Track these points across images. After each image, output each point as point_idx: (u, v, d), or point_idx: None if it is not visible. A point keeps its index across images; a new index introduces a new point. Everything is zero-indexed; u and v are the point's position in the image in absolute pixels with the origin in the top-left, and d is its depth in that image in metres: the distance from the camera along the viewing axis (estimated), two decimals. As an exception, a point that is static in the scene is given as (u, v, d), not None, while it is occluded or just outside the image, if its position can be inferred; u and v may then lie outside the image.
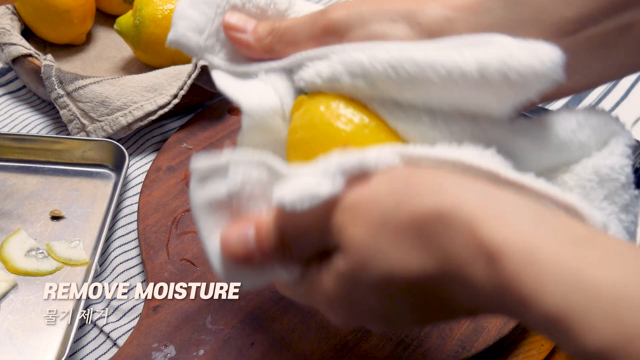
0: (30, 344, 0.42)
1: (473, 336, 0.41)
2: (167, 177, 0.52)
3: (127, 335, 0.43)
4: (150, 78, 0.56)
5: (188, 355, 0.40)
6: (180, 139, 0.56)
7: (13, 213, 0.50)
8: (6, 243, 0.48)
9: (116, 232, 0.50)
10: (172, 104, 0.55)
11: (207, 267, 0.46)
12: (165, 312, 0.43)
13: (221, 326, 0.42)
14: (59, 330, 0.43)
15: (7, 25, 0.61)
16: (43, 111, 0.61)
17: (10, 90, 0.63)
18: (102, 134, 0.54)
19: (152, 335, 0.41)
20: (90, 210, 0.51)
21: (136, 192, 0.53)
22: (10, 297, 0.45)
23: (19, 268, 0.46)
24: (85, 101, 0.54)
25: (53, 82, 0.55)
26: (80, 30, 0.64)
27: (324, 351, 0.41)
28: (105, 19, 0.69)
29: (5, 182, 0.53)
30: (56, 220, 0.50)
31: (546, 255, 0.20)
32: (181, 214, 0.49)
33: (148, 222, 0.49)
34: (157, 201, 0.50)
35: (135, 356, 0.40)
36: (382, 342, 0.41)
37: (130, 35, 0.59)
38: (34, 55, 0.59)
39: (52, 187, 0.53)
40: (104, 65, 0.64)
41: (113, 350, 0.43)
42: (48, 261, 0.47)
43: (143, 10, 0.58)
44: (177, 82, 0.56)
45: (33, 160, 0.54)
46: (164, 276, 0.45)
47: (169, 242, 0.47)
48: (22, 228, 0.49)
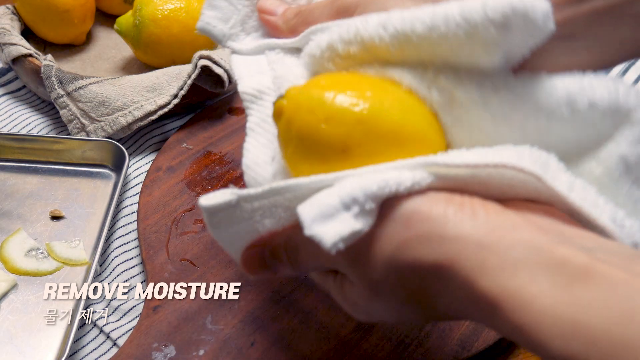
0: (30, 344, 0.42)
1: (473, 336, 0.41)
2: (167, 177, 0.52)
3: (127, 335, 0.43)
4: (150, 78, 0.56)
5: (188, 355, 0.40)
6: (180, 139, 0.56)
7: (13, 213, 0.50)
8: (6, 243, 0.48)
9: (116, 232, 0.50)
10: (172, 104, 0.55)
11: (207, 267, 0.46)
12: (165, 312, 0.43)
13: (221, 326, 0.42)
14: (59, 330, 0.43)
15: (7, 25, 0.61)
16: (43, 111, 0.61)
17: (10, 90, 0.63)
18: (102, 134, 0.54)
19: (152, 335, 0.41)
20: (90, 210, 0.51)
21: (136, 192, 0.53)
22: (10, 297, 0.45)
23: (19, 268, 0.46)
24: (85, 101, 0.54)
25: (53, 82, 0.55)
26: (80, 30, 0.64)
27: (324, 351, 0.41)
28: (105, 19, 0.69)
29: (5, 182, 0.53)
30: (56, 220, 0.50)
31: (544, 305, 0.21)
32: (181, 214, 0.49)
33: (148, 222, 0.49)
34: (157, 201, 0.50)
35: (135, 356, 0.40)
36: (382, 342, 0.41)
37: (130, 35, 0.59)
38: (34, 55, 0.59)
39: (52, 187, 0.53)
40: (104, 65, 0.64)
41: (113, 350, 0.43)
42: (48, 261, 0.47)
43: (143, 10, 0.58)
44: (177, 82, 0.56)
45: (33, 160, 0.54)
46: (164, 276, 0.45)
47: (169, 242, 0.47)
48: (22, 228, 0.49)
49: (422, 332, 0.42)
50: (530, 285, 0.22)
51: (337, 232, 0.23)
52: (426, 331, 0.42)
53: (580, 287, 0.21)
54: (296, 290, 0.44)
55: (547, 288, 0.21)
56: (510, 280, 0.22)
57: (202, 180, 0.52)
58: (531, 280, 0.22)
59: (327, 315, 0.43)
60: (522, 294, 0.21)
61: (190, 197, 0.51)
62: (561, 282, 0.21)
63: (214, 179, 0.53)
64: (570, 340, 0.20)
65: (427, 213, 0.24)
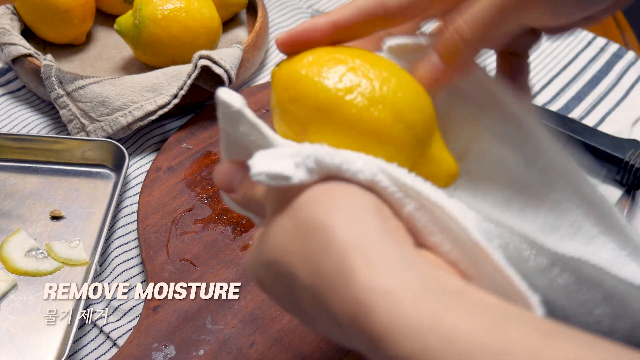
0: (30, 344, 0.42)
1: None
2: (167, 177, 0.52)
3: (127, 335, 0.43)
4: (150, 78, 0.56)
5: (188, 355, 0.40)
6: (180, 139, 0.56)
7: (13, 213, 0.50)
8: (6, 243, 0.48)
9: (116, 232, 0.50)
10: (172, 104, 0.55)
11: (207, 267, 0.46)
12: (165, 312, 0.43)
13: (221, 326, 0.42)
14: (59, 330, 0.43)
15: (7, 25, 0.61)
16: (43, 111, 0.61)
17: (10, 90, 0.63)
18: (102, 134, 0.54)
19: (152, 335, 0.41)
20: (90, 210, 0.51)
21: (136, 192, 0.53)
22: (10, 297, 0.45)
23: (19, 268, 0.46)
24: (85, 101, 0.54)
25: (53, 82, 0.55)
26: (80, 30, 0.64)
27: (324, 351, 0.41)
28: (105, 19, 0.69)
29: (5, 182, 0.53)
30: (56, 220, 0.50)
31: (408, 302, 0.20)
32: (181, 214, 0.49)
33: (148, 222, 0.49)
34: (157, 201, 0.50)
35: (135, 356, 0.40)
36: (382, 342, 0.41)
37: (130, 35, 0.59)
38: (34, 55, 0.59)
39: (52, 187, 0.53)
40: (104, 65, 0.64)
41: (113, 350, 0.43)
42: (48, 261, 0.47)
43: (143, 10, 0.58)
44: (177, 82, 0.56)
45: (33, 160, 0.54)
46: (164, 276, 0.45)
47: (169, 242, 0.47)
48: (22, 228, 0.49)
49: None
50: (400, 288, 0.21)
51: (267, 165, 0.24)
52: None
53: (452, 297, 0.20)
54: (296, 290, 0.44)
55: (417, 290, 0.20)
56: (384, 280, 0.21)
57: (202, 180, 0.52)
58: (403, 285, 0.21)
59: (327, 315, 0.43)
60: (392, 293, 0.20)
61: (190, 197, 0.51)
62: (434, 289, 0.21)
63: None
64: (426, 337, 0.19)
65: (346, 228, 0.23)
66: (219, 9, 0.62)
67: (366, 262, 0.21)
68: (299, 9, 0.73)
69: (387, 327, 0.20)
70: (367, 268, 0.21)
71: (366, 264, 0.21)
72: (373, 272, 0.21)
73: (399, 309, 0.20)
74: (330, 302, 0.22)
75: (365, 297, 0.21)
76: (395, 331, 0.20)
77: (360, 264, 0.21)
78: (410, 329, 0.20)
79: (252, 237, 0.29)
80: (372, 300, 0.20)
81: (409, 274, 0.21)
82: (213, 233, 0.48)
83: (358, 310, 0.21)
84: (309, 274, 0.23)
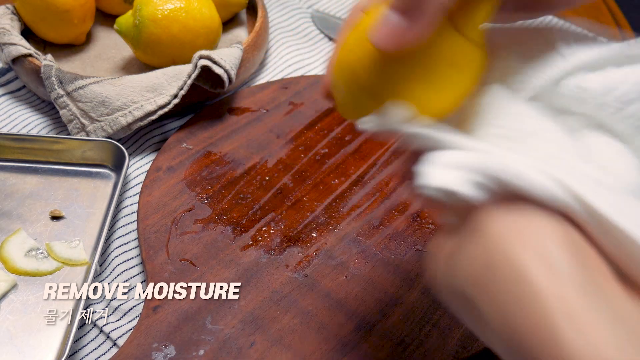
0: (30, 344, 0.42)
1: (473, 336, 0.41)
2: (167, 177, 0.52)
3: (127, 335, 0.43)
4: (150, 78, 0.56)
5: (188, 355, 0.40)
6: (180, 139, 0.56)
7: (13, 213, 0.50)
8: (6, 243, 0.48)
9: (116, 232, 0.50)
10: (172, 104, 0.55)
11: (207, 267, 0.46)
12: (165, 312, 0.43)
13: (221, 326, 0.42)
14: (59, 330, 0.43)
15: (7, 25, 0.61)
16: (43, 111, 0.61)
17: (10, 90, 0.63)
18: (102, 134, 0.54)
19: (152, 335, 0.41)
20: (90, 210, 0.51)
21: (136, 192, 0.53)
22: (10, 297, 0.45)
23: (19, 268, 0.46)
24: (85, 101, 0.54)
25: (53, 82, 0.55)
26: (80, 30, 0.64)
27: (324, 351, 0.41)
28: (105, 19, 0.69)
29: (5, 182, 0.53)
30: (56, 220, 0.50)
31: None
32: (181, 214, 0.49)
33: (148, 222, 0.49)
34: (157, 201, 0.50)
35: (135, 356, 0.40)
36: (382, 342, 0.41)
37: (130, 35, 0.59)
38: (34, 55, 0.59)
39: (52, 187, 0.53)
40: (104, 65, 0.64)
41: (113, 350, 0.43)
42: (48, 261, 0.47)
43: (143, 10, 0.58)
44: (177, 82, 0.56)
45: (33, 160, 0.54)
46: (164, 276, 0.45)
47: (169, 242, 0.47)
48: (22, 228, 0.49)
49: (422, 332, 0.42)
50: (613, 356, 0.20)
51: (435, 179, 0.23)
52: (426, 331, 0.42)
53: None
54: (296, 290, 0.44)
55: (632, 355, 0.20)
56: (592, 352, 0.20)
57: (202, 180, 0.52)
58: (614, 351, 0.20)
59: (327, 315, 0.43)
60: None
61: (190, 197, 0.51)
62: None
63: (214, 179, 0.53)
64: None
65: (543, 277, 0.21)
66: (219, 9, 0.62)
67: (572, 325, 0.21)
68: (299, 9, 0.73)
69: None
70: (574, 332, 0.20)
71: (572, 326, 0.21)
72: (581, 339, 0.20)
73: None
74: (529, 353, 0.21)
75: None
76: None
77: (565, 324, 0.21)
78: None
79: (434, 244, 0.27)
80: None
81: (619, 337, 0.20)
82: (213, 233, 0.48)
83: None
84: (499, 321, 0.22)
